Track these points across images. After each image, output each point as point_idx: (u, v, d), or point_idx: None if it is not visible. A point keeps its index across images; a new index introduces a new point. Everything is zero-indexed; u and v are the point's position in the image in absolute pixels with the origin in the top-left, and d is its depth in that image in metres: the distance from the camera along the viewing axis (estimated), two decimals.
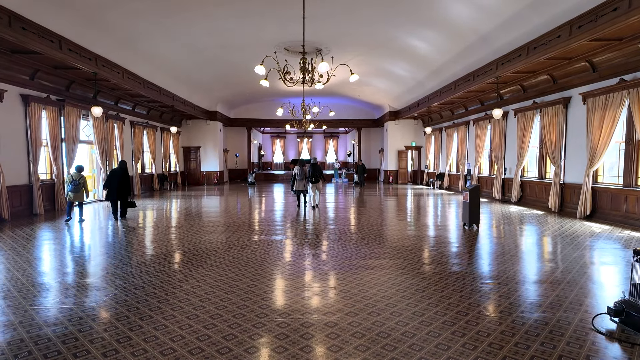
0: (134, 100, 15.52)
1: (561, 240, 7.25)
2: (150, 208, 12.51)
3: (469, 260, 5.94)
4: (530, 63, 9.48)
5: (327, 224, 9.39)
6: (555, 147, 10.83)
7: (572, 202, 10.39)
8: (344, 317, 3.78)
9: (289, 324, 3.61)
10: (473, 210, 8.22)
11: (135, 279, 5.02)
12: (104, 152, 13.59)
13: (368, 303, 4.17)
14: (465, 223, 8.40)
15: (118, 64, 11.50)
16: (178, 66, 14.39)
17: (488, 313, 3.88)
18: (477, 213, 8.31)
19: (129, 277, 5.06)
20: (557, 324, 3.61)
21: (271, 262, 5.86)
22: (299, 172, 11.91)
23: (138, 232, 8.50)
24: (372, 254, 6.33)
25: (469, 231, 8.14)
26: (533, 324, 3.61)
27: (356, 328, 3.55)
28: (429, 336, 3.37)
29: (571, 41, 7.85)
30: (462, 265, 5.64)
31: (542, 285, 4.73)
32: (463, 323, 3.63)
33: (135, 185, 16.28)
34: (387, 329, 3.54)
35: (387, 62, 14.98)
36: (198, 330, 3.50)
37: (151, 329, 3.52)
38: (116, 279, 5.00)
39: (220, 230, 8.50)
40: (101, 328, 3.55)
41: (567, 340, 3.29)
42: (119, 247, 6.91)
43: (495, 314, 3.86)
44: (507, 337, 3.34)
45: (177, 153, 21.24)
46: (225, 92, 20.58)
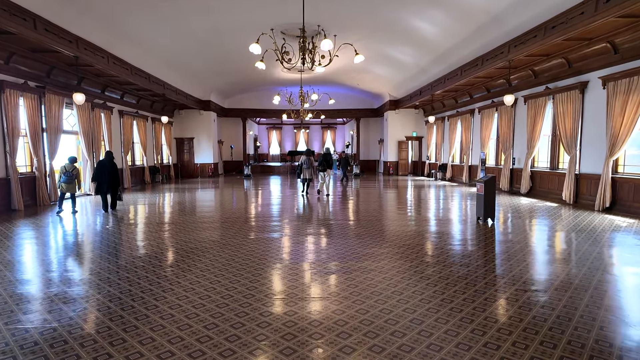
0: (123, 88, 14.67)
1: (588, 236, 6.64)
2: (142, 202, 11.78)
3: (495, 261, 5.30)
4: (546, 45, 8.79)
5: (327, 218, 8.73)
6: (570, 135, 10.20)
7: (589, 194, 9.80)
8: (354, 315, 3.26)
9: (295, 323, 2.98)
10: (488, 203, 7.58)
11: (129, 273, 4.55)
12: (90, 143, 12.79)
13: (383, 309, 3.60)
14: (480, 217, 7.78)
15: (102, 47, 10.66)
16: (168, 52, 13.54)
17: (532, 328, 3.25)
18: (493, 206, 7.67)
19: (123, 273, 4.41)
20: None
21: (270, 261, 5.21)
22: (305, 161, 12.55)
23: (129, 228, 7.79)
24: (381, 253, 5.68)
25: (484, 226, 7.52)
26: (582, 335, 2.99)
27: (368, 327, 3.25)
28: (458, 350, 2.74)
29: (596, 18, 7.16)
30: (489, 267, 5.01)
31: (591, 292, 4.11)
32: (509, 345, 3.00)
33: (125, 178, 15.52)
34: (401, 328, 3.24)
35: (389, 47, 14.21)
36: (198, 331, 3.25)
37: (147, 330, 3.25)
38: (110, 275, 4.57)
39: (215, 227, 7.81)
40: (93, 330, 3.27)
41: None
42: (110, 245, 6.22)
43: (537, 324, 3.23)
44: (549, 350, 2.72)
45: (169, 144, 20.42)
46: (219, 81, 19.72)
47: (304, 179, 12.64)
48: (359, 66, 17.37)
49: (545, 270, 4.93)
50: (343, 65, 17.14)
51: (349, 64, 16.79)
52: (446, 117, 18.82)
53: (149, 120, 18.06)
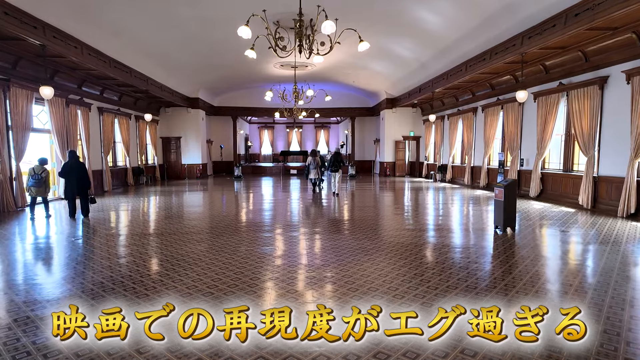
0: (102, 83, 13.55)
1: (625, 247, 5.83)
2: (119, 208, 10.73)
3: (530, 286, 4.44)
4: (567, 35, 7.99)
5: (325, 227, 7.82)
6: (588, 135, 9.43)
7: (609, 198, 9.03)
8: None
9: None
10: (509, 210, 6.74)
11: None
12: (64, 143, 11.69)
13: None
14: (498, 226, 6.93)
15: (75, 36, 9.60)
16: (151, 44, 12.47)
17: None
18: (514, 214, 6.84)
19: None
20: None
21: (260, 284, 4.28)
22: (312, 162, 12.85)
23: (100, 240, 6.78)
24: (399, 277, 4.77)
25: (503, 237, 6.67)
26: None
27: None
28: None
29: (630, 2, 6.38)
30: (530, 291, 4.14)
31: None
32: None
33: (105, 180, 14.43)
34: None
35: (388, 40, 13.32)
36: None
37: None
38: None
39: (199, 239, 6.83)
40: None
41: None
42: (78, 262, 5.22)
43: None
44: None
45: (154, 144, 19.30)
46: (208, 77, 18.66)
47: (313, 178, 13.09)
48: (355, 62, 16.51)
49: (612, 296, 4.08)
50: (338, 61, 16.23)
51: (345, 59, 15.90)
52: (446, 116, 18.02)
53: (132, 118, 16.95)
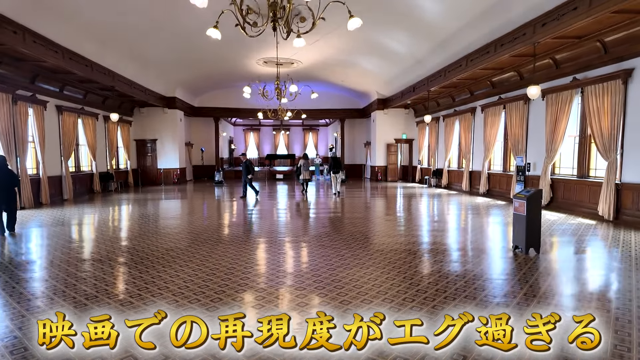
0: (60, 78, 12.02)
1: None
2: (75, 221, 9.20)
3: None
4: (592, 18, 6.82)
5: (310, 241, 6.47)
6: (609, 136, 8.27)
7: (635, 208, 7.86)
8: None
9: None
10: (532, 227, 5.48)
11: None
12: (10, 145, 10.15)
13: None
14: (518, 246, 5.67)
15: (13, 19, 8.13)
16: (112, 32, 10.97)
17: None
18: (538, 232, 5.57)
19: None
20: None
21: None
22: (304, 164, 13.97)
23: (14, 268, 5.31)
24: (407, 311, 3.45)
25: (525, 259, 5.41)
26: None
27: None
28: None
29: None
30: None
31: None
32: None
33: (65, 188, 12.86)
34: None
35: (380, 33, 12.05)
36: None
37: None
38: None
39: (160, 272, 5.42)
40: None
41: None
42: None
43: None
44: None
45: (127, 147, 17.72)
46: (185, 74, 17.20)
47: (304, 179, 14.03)
48: (344, 59, 15.27)
49: None
50: (326, 57, 14.99)
51: (333, 54, 14.67)
52: (441, 117, 16.86)
53: (100, 118, 15.39)
